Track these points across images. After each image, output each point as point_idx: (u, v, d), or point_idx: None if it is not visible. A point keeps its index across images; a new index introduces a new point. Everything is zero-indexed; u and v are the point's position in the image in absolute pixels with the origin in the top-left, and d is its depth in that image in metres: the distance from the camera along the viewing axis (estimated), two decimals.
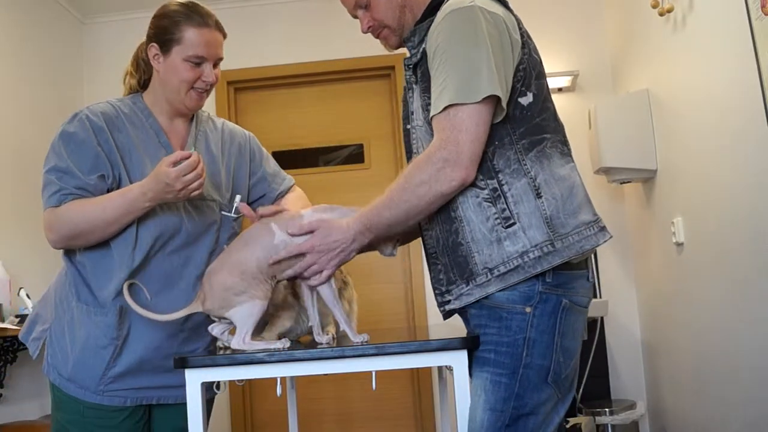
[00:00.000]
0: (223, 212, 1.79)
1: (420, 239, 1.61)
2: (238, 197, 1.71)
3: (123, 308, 1.66)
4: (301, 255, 1.49)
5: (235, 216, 1.80)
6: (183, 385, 1.48)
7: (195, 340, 1.78)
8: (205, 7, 1.72)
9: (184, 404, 1.53)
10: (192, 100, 1.72)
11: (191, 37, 1.67)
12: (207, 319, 1.64)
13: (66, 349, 1.70)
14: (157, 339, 1.70)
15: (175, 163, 1.52)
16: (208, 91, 1.75)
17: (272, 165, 1.96)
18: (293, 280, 1.60)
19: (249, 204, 1.87)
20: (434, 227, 1.50)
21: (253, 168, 1.90)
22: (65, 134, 1.66)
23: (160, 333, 1.71)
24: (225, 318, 1.54)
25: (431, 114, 1.40)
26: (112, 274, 1.67)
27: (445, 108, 1.36)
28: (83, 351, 1.68)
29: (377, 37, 1.61)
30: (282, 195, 1.93)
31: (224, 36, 1.74)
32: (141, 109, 1.75)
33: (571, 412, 3.38)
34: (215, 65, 1.72)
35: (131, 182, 1.66)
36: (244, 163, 1.89)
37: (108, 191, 1.65)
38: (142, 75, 1.79)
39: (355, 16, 1.62)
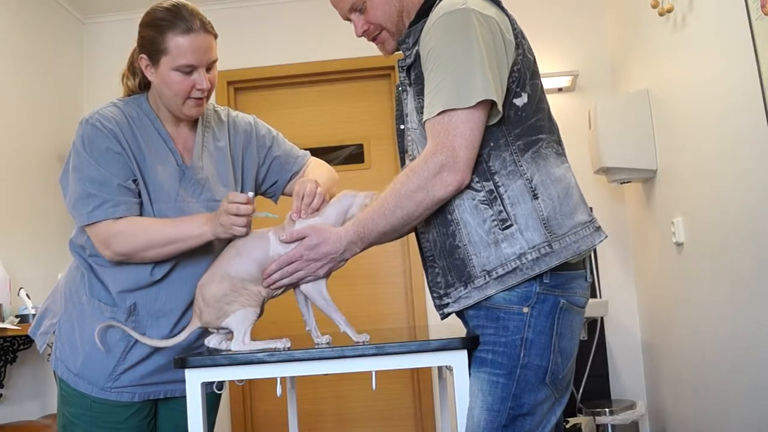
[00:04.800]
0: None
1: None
2: (250, 194, 1.60)
3: (136, 305, 1.66)
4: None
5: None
6: None
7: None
8: (191, 8, 1.63)
9: None
10: (190, 108, 1.68)
11: (177, 45, 1.59)
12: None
13: (75, 344, 1.69)
14: (167, 334, 1.69)
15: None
16: (207, 97, 1.69)
17: (282, 147, 1.91)
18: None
19: (264, 190, 1.90)
20: (431, 230, 1.49)
21: (261, 156, 1.87)
22: (88, 142, 1.61)
23: (170, 329, 1.70)
24: (223, 328, 1.54)
25: (424, 118, 1.39)
26: (128, 276, 1.65)
27: (439, 113, 1.35)
28: (94, 346, 1.66)
29: (374, 41, 1.59)
30: (296, 174, 1.90)
31: (215, 36, 1.66)
32: (147, 113, 1.71)
33: (571, 412, 3.38)
34: (209, 69, 1.65)
35: (147, 190, 1.65)
36: (252, 152, 1.85)
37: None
38: (140, 79, 1.74)
39: (348, 19, 1.58)
